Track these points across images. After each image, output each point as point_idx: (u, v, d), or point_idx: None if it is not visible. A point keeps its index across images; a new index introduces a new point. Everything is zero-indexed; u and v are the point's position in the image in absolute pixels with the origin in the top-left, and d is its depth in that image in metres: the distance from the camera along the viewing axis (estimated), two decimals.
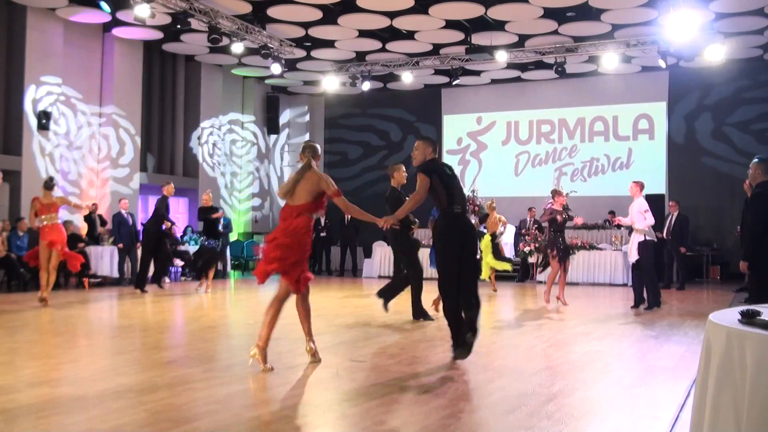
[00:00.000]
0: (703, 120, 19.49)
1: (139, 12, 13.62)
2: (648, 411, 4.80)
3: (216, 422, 4.36)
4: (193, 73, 20.19)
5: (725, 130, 19.22)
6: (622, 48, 17.23)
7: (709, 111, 19.42)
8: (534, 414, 4.59)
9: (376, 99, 22.95)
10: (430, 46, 18.06)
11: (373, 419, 4.46)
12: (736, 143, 19.01)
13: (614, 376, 5.97)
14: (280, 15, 15.68)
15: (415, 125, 22.78)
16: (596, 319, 9.97)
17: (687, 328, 9.01)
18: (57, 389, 5.21)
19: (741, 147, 18.82)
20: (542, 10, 15.15)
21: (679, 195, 18.05)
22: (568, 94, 20.89)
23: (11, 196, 15.41)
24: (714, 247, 18.56)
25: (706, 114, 19.45)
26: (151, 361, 6.49)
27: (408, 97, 22.65)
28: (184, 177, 20.02)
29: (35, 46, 15.67)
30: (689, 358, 6.69)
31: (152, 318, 10.10)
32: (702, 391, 2.98)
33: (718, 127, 19.32)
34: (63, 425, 4.29)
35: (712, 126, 19.38)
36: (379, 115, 23.20)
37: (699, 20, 14.74)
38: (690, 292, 15.03)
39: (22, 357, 6.62)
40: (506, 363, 6.46)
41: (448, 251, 6.28)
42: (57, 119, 16.27)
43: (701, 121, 19.52)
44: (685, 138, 19.70)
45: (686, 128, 19.70)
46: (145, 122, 18.69)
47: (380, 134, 23.15)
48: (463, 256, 6.28)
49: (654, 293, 11.12)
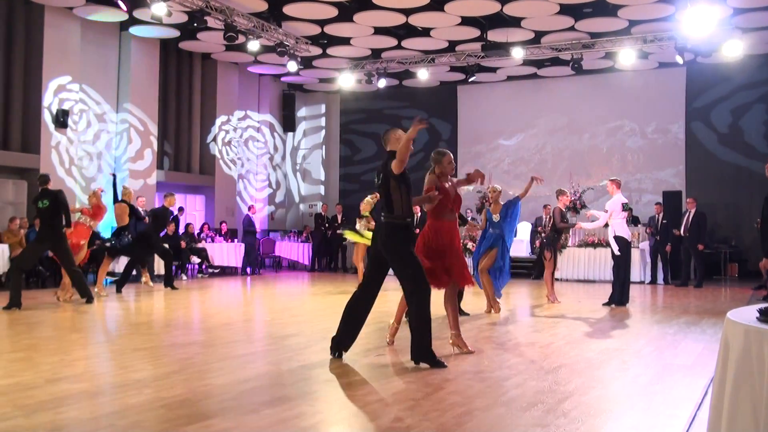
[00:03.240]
0: (721, 116, 19.33)
1: (155, 10, 13.68)
2: (665, 409, 4.77)
3: (232, 418, 4.37)
4: (209, 71, 20.26)
5: (743, 126, 19.05)
6: (639, 44, 17.13)
7: (727, 107, 19.25)
8: (550, 411, 4.57)
9: (392, 96, 22.94)
10: (446, 43, 18.03)
11: (389, 416, 4.46)
12: (755, 139, 18.85)
13: (631, 374, 5.94)
14: (296, 13, 15.70)
15: (431, 122, 22.75)
16: (613, 317, 9.93)
17: (705, 325, 8.96)
18: (75, 385, 5.24)
19: (759, 143, 18.67)
20: (558, 6, 15.09)
21: (696, 191, 17.95)
22: (584, 90, 20.80)
23: (29, 193, 15.53)
24: (732, 245, 18.43)
25: (724, 110, 19.29)
26: (168, 357, 6.53)
27: (423, 95, 22.62)
28: (201, 175, 20.11)
29: (53, 45, 15.77)
30: (707, 356, 6.65)
31: (168, 315, 10.15)
32: (720, 390, 2.96)
33: (735, 123, 19.15)
34: (81, 421, 4.32)
35: (729, 122, 19.22)
36: (395, 113, 23.18)
37: (716, 15, 14.63)
38: (708, 289, 14.93)
39: (40, 353, 6.67)
40: (522, 360, 6.44)
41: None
42: (74, 117, 16.38)
43: (719, 117, 19.36)
44: (702, 134, 19.55)
45: (704, 124, 19.55)
46: (161, 120, 18.78)
47: None
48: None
49: (621, 291, 11.19)
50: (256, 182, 22.05)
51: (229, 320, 9.62)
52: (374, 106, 23.41)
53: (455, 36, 17.40)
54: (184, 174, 19.59)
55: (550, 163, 21.19)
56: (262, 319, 10.01)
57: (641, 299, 12.97)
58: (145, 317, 9.98)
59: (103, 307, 10.61)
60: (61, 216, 10.42)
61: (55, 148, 15.91)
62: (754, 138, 18.85)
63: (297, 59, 17.56)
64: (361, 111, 23.65)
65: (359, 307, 6.31)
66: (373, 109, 23.45)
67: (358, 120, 23.68)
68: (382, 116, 23.28)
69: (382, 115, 23.28)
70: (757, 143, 18.75)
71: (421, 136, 22.67)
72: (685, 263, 16.12)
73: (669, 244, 16.24)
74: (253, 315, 10.73)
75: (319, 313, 10.40)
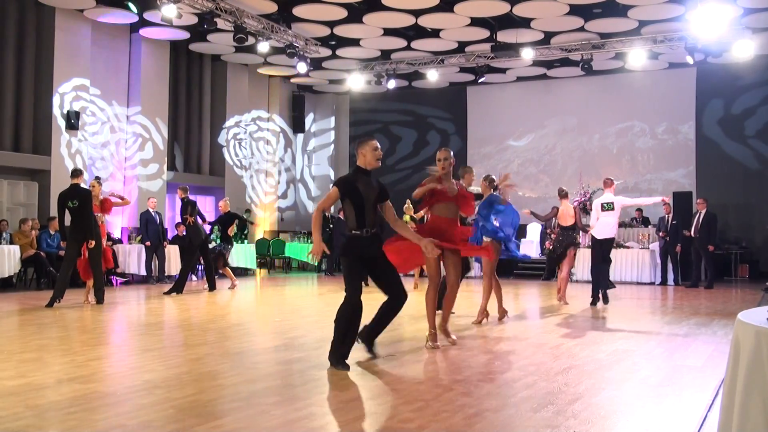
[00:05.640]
0: (731, 116, 19.26)
1: (165, 12, 13.73)
2: (675, 411, 4.76)
3: (243, 419, 4.38)
4: (219, 72, 20.32)
5: (754, 127, 18.97)
6: (648, 44, 17.08)
7: (738, 107, 19.17)
8: (560, 413, 4.56)
9: (401, 97, 22.95)
10: (456, 44, 18.03)
11: (398, 417, 4.46)
12: (765, 140, 18.77)
13: (641, 375, 5.92)
14: (306, 14, 15.73)
15: (441, 123, 22.75)
16: (623, 318, 9.90)
17: (715, 327, 8.92)
18: (85, 385, 5.26)
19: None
20: (568, 6, 15.08)
21: (707, 192, 17.88)
22: (594, 91, 20.76)
23: (40, 195, 15.62)
24: (743, 245, 18.35)
25: (735, 110, 19.22)
26: (179, 358, 6.55)
27: (433, 95, 22.62)
28: (211, 176, 20.16)
29: (63, 47, 15.85)
30: (717, 357, 6.62)
31: (179, 315, 10.18)
32: (730, 391, 2.95)
33: (746, 124, 19.07)
34: (92, 421, 4.34)
35: (740, 122, 19.14)
36: (404, 114, 23.20)
37: (727, 15, 14.57)
38: (718, 290, 14.86)
39: (51, 354, 6.70)
40: (532, 361, 6.43)
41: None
42: (85, 119, 16.46)
43: (729, 117, 19.29)
44: (713, 135, 19.47)
45: (714, 125, 19.48)
46: (171, 122, 18.85)
47: (405, 132, 23.13)
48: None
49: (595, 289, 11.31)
50: (265, 183, 22.09)
51: (239, 321, 9.65)
52: (384, 108, 23.43)
53: (465, 37, 17.39)
54: (194, 175, 19.64)
55: (560, 164, 21.15)
56: (271, 320, 10.03)
57: (651, 300, 12.93)
58: (155, 318, 10.01)
59: (113, 308, 10.65)
60: (90, 213, 10.75)
61: (66, 149, 15.99)
62: (765, 138, 18.77)
63: (306, 60, 17.59)
64: (371, 112, 23.66)
65: (383, 307, 6.44)
66: (382, 111, 23.46)
67: (368, 121, 23.69)
68: (391, 117, 23.30)
69: (391, 115, 23.29)
70: (767, 144, 18.67)
71: (431, 138, 22.68)
72: (695, 264, 16.06)
73: (679, 245, 16.18)
74: (262, 316, 10.75)
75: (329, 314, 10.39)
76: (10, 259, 13.43)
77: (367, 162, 6.14)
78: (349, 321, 6.04)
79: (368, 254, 6.15)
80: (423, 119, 22.97)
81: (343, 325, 6.04)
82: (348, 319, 6.04)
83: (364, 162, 6.15)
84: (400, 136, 23.20)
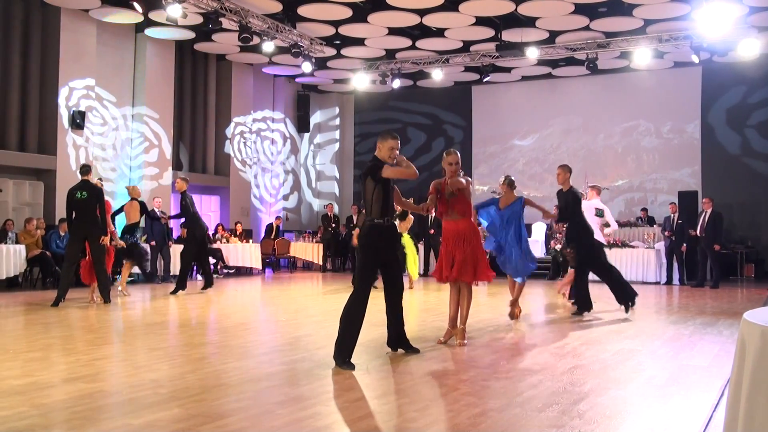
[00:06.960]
0: (737, 115, 19.20)
1: (171, 12, 13.74)
2: (681, 410, 4.75)
3: (247, 418, 4.39)
4: (224, 72, 20.34)
5: (760, 126, 18.91)
6: (654, 43, 17.04)
7: (743, 106, 19.12)
8: (566, 413, 4.56)
9: (406, 97, 22.95)
10: (460, 43, 18.01)
11: (403, 417, 4.46)
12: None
13: (647, 375, 5.91)
14: (311, 13, 15.73)
15: (446, 122, 22.74)
16: (628, 317, 9.88)
17: (721, 326, 8.90)
18: (91, 385, 5.27)
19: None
20: (573, 5, 15.05)
21: (712, 192, 17.82)
22: (599, 90, 20.72)
23: (45, 194, 15.64)
24: (749, 245, 18.30)
25: (740, 109, 19.16)
26: (183, 357, 6.56)
27: (438, 95, 22.61)
28: (216, 175, 20.18)
29: (69, 47, 15.88)
30: (723, 357, 6.61)
31: (184, 315, 10.19)
32: (736, 391, 2.94)
33: (752, 122, 19.01)
34: (97, 420, 4.35)
35: (745, 121, 19.09)
36: (409, 113, 23.19)
37: (732, 14, 14.54)
38: (724, 290, 14.83)
39: (56, 353, 6.72)
40: (537, 361, 6.43)
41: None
42: (90, 119, 16.49)
43: (735, 116, 19.23)
44: (718, 134, 19.42)
45: (720, 124, 19.42)
46: (177, 121, 18.87)
47: (410, 131, 23.13)
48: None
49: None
50: (270, 183, 22.10)
51: (244, 320, 9.66)
52: (388, 107, 23.42)
53: (469, 36, 17.37)
54: (199, 175, 19.65)
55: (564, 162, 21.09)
56: (276, 320, 10.04)
57: (657, 300, 12.91)
58: (160, 317, 10.02)
59: (119, 307, 10.66)
60: (97, 209, 10.75)
61: (72, 149, 16.02)
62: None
63: (311, 60, 17.59)
64: (376, 111, 23.66)
65: (387, 306, 6.65)
66: (387, 110, 23.46)
67: (373, 120, 23.69)
68: (396, 116, 23.30)
69: (396, 114, 23.29)
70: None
71: (436, 137, 22.66)
72: (701, 264, 16.01)
73: (684, 245, 16.14)
74: (267, 315, 10.76)
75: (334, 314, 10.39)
76: (16, 258, 13.44)
77: (382, 156, 6.39)
78: (353, 317, 6.12)
79: (385, 245, 6.37)
80: (428, 119, 22.96)
81: (347, 322, 6.11)
82: (353, 315, 6.12)
83: (380, 155, 6.40)
84: (405, 135, 23.19)
